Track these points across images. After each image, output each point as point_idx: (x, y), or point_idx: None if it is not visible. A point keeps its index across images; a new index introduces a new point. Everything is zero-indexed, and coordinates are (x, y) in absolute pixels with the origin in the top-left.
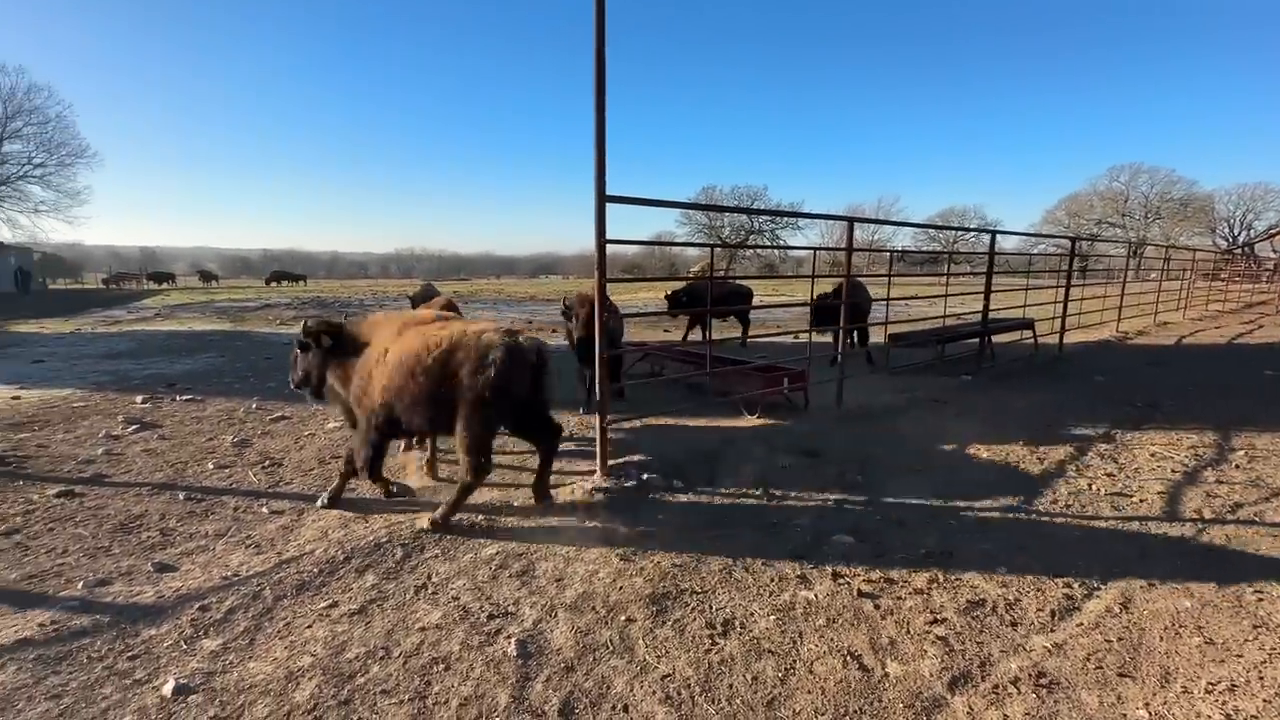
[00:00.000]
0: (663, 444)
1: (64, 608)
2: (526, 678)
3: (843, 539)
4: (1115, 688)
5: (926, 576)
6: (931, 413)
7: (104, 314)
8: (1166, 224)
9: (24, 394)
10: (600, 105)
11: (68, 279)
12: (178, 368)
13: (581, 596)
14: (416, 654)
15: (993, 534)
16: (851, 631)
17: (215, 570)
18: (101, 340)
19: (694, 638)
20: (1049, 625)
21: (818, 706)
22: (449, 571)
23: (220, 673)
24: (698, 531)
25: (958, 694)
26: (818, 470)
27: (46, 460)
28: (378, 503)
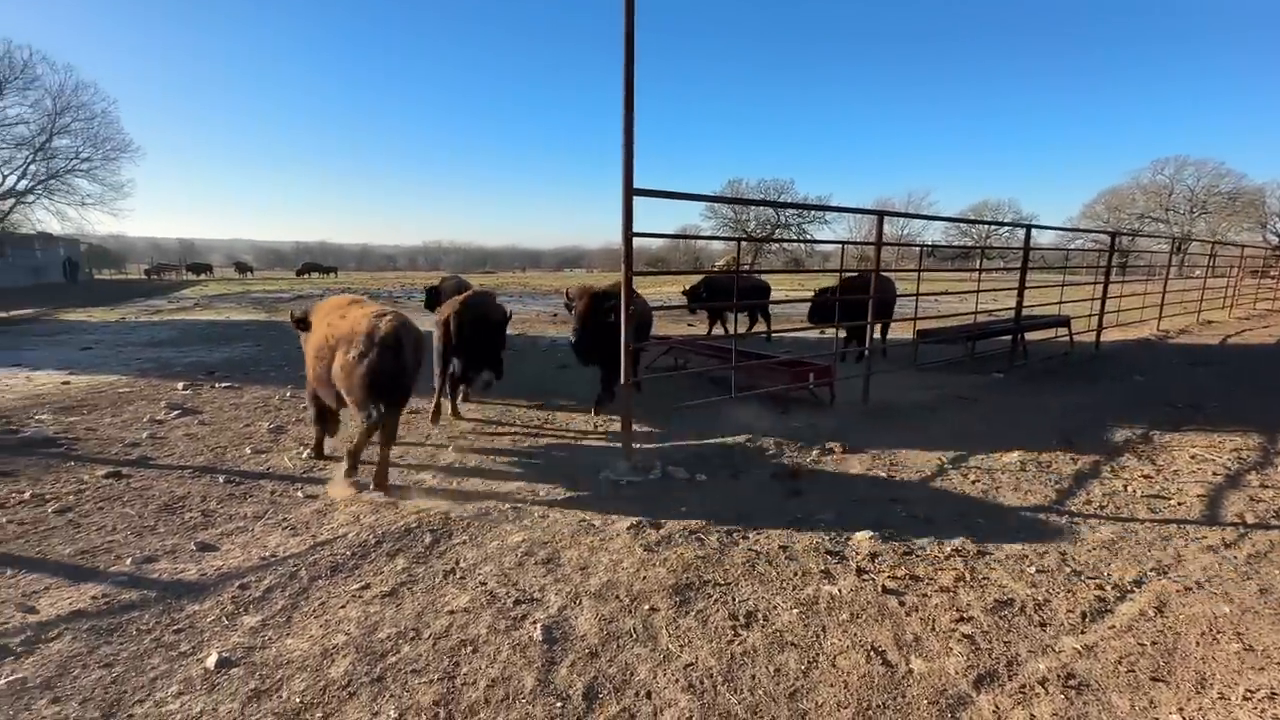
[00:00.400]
0: (687, 437)
1: (114, 582)
2: (552, 662)
3: (868, 535)
4: (1148, 691)
5: (953, 574)
6: (961, 410)
7: (146, 303)
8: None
9: (73, 379)
10: (629, 100)
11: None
12: (216, 356)
13: (606, 585)
14: (445, 636)
15: (1023, 533)
16: (875, 627)
17: (254, 551)
18: (144, 329)
19: (717, 628)
20: (1079, 627)
21: (840, 700)
22: (476, 558)
23: (260, 648)
24: (720, 524)
25: (983, 692)
26: (844, 464)
27: (95, 442)
28: (409, 490)
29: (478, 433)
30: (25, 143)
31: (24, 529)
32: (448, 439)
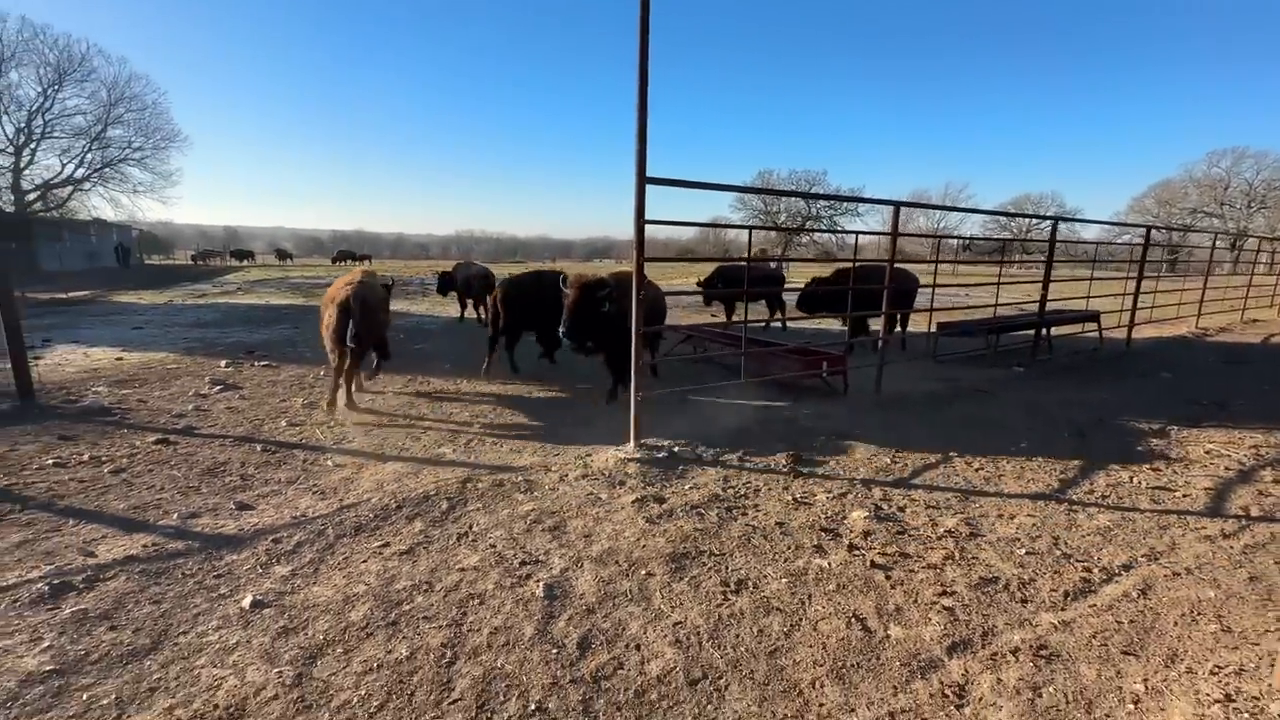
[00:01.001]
0: (696, 421)
1: (162, 534)
2: (551, 616)
3: (863, 514)
4: (1117, 664)
5: (943, 553)
6: (975, 402)
7: (192, 287)
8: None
9: (126, 355)
10: (643, 91)
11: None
12: (256, 337)
13: (606, 552)
14: (455, 590)
15: (1019, 519)
16: (860, 597)
17: (286, 511)
18: (190, 310)
19: (708, 593)
20: (1060, 604)
21: (817, 659)
22: (488, 523)
23: (289, 593)
24: (722, 501)
25: (955, 658)
26: (848, 447)
27: (146, 413)
28: (428, 461)
29: (498, 411)
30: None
31: (84, 486)
32: (471, 417)
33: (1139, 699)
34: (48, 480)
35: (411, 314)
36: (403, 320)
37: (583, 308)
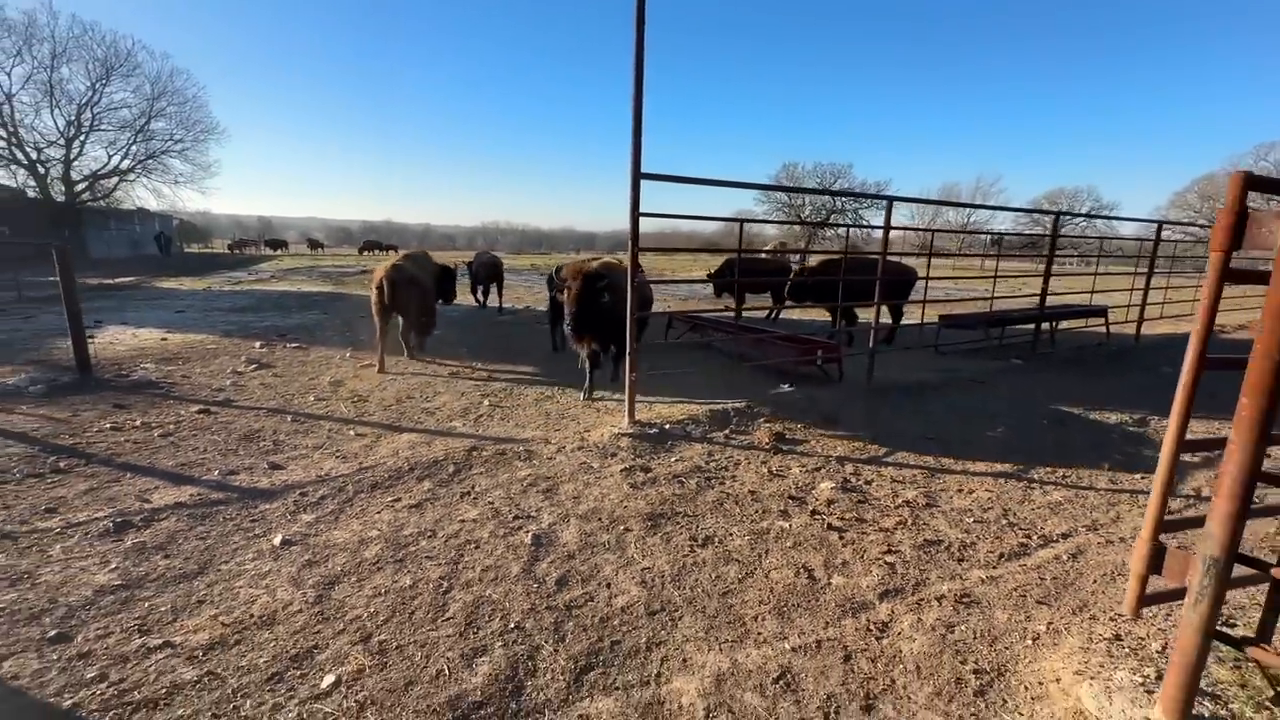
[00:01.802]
0: (690, 404)
1: (205, 486)
2: (535, 559)
3: (830, 485)
4: (1028, 610)
5: (896, 519)
6: (966, 392)
7: (229, 275)
8: None
9: (170, 336)
10: (638, 97)
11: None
12: (288, 321)
13: (591, 510)
14: (455, 536)
15: (979, 494)
16: (812, 553)
17: (312, 470)
18: (228, 297)
19: (675, 546)
20: (993, 564)
21: (763, 599)
22: (489, 484)
23: (313, 535)
24: (703, 472)
25: (885, 602)
26: (831, 431)
27: (189, 387)
28: (440, 433)
29: (507, 390)
30: (128, 125)
31: (137, 446)
32: (482, 396)
33: (1038, 636)
34: (106, 441)
35: None
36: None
37: (586, 298)
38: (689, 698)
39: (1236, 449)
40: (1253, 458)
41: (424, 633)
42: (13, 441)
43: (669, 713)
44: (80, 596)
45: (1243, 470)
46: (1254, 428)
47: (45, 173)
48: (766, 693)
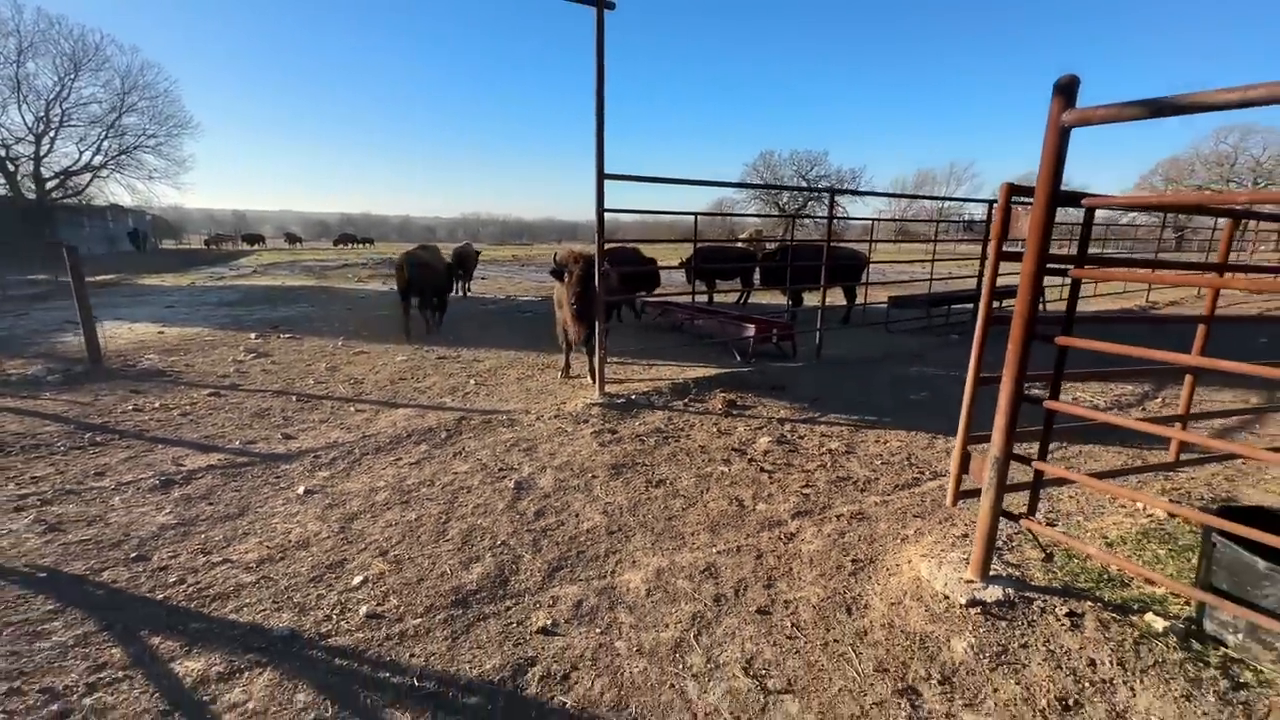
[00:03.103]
0: (657, 379)
1: (229, 452)
2: (517, 498)
3: (768, 439)
4: (905, 522)
5: (818, 464)
6: (901, 364)
7: (210, 270)
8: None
9: (166, 330)
10: (600, 110)
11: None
12: (278, 314)
13: (565, 463)
14: (450, 484)
15: (892, 443)
16: (744, 488)
17: (321, 439)
18: (214, 292)
19: (634, 487)
20: (888, 492)
21: (700, 521)
22: (477, 446)
23: (330, 486)
24: (662, 433)
25: (795, 520)
26: (778, 398)
27: (195, 374)
28: (432, 408)
29: (491, 371)
30: (98, 120)
31: (161, 423)
32: (469, 377)
33: (907, 538)
34: (132, 420)
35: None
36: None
37: (586, 282)
38: (635, 583)
39: (1007, 381)
40: (1016, 386)
41: (429, 549)
42: (49, 421)
43: (619, 593)
44: (147, 531)
45: (1010, 396)
46: (1015, 365)
47: (15, 170)
48: (694, 579)
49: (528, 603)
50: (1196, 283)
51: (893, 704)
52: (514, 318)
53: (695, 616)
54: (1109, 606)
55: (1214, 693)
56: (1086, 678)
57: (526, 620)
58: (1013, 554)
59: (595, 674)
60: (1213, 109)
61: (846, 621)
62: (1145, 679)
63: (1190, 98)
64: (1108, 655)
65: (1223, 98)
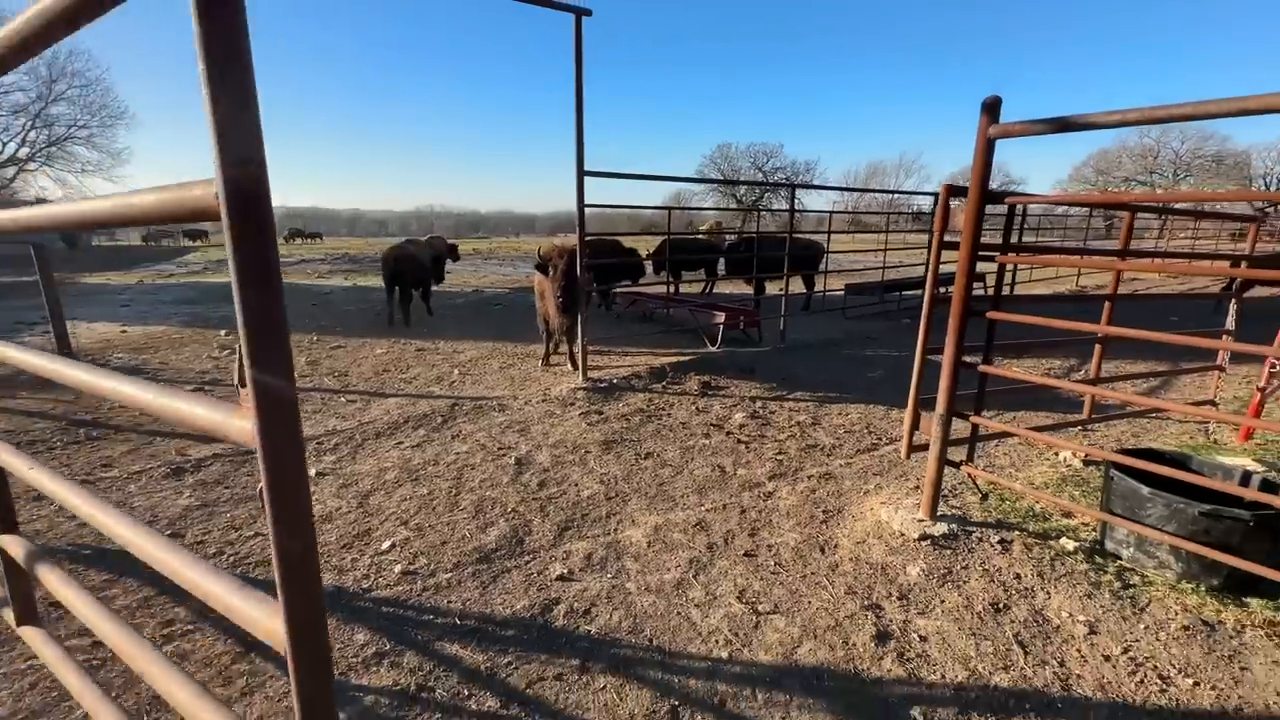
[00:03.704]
0: (634, 365)
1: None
2: (520, 472)
3: (743, 415)
4: (867, 479)
5: (789, 433)
6: (859, 346)
7: (156, 268)
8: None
9: (129, 329)
10: (579, 106)
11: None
12: None
13: (558, 441)
14: (454, 463)
15: (853, 415)
16: (724, 457)
17: (320, 427)
18: (167, 290)
19: (625, 460)
20: (850, 455)
21: (688, 485)
22: (473, 429)
23: (339, 469)
24: (645, 412)
25: (772, 481)
26: (749, 379)
27: (172, 371)
28: (421, 396)
29: (473, 359)
30: (22, 110)
31: (154, 417)
32: (452, 367)
33: (869, 491)
34: (122, 415)
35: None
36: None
37: (571, 275)
38: (636, 538)
39: (948, 350)
40: (956, 354)
41: (447, 517)
42: (37, 418)
43: (624, 546)
44: (173, 513)
45: (951, 362)
46: (955, 336)
47: None
48: (687, 532)
49: (544, 557)
50: (1098, 265)
51: (860, 616)
52: (486, 310)
53: (692, 561)
54: (1032, 535)
55: (1109, 592)
56: (1013, 587)
57: (545, 570)
58: (956, 499)
59: (612, 608)
60: (1100, 127)
61: (820, 558)
62: (1058, 585)
63: (1083, 118)
64: (1030, 570)
65: (1105, 119)
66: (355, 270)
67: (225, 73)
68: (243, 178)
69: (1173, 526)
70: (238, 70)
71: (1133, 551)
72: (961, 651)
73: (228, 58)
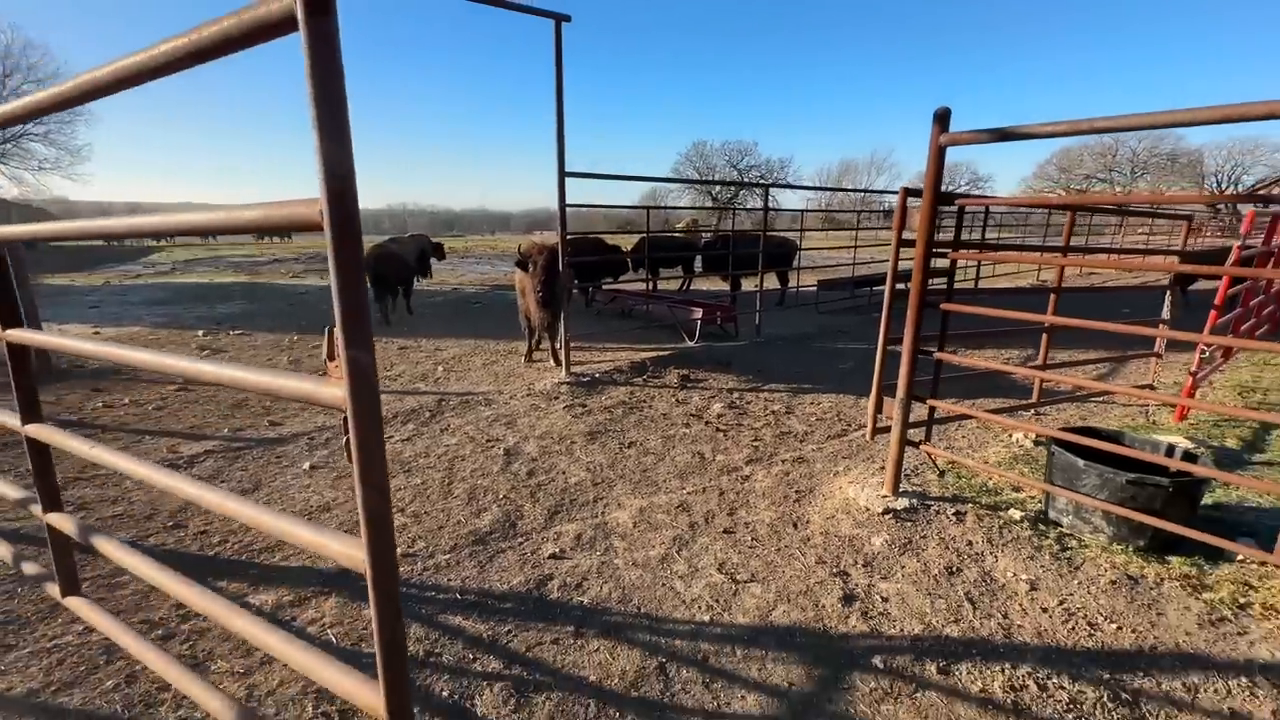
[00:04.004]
0: (616, 360)
1: (221, 440)
2: (509, 463)
3: (720, 405)
4: (837, 462)
5: (764, 422)
6: (831, 339)
7: (121, 268)
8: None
9: (102, 330)
10: (559, 108)
11: None
12: (219, 311)
13: (545, 433)
14: (444, 454)
15: (824, 404)
16: (704, 444)
17: (309, 424)
18: (136, 290)
19: (609, 449)
20: (822, 441)
21: (670, 471)
22: (460, 423)
23: (333, 462)
24: (627, 405)
25: (749, 466)
26: (726, 372)
27: (153, 373)
28: (407, 392)
29: (456, 356)
30: None
31: (139, 417)
32: (435, 364)
33: (838, 473)
34: (107, 415)
35: None
36: None
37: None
38: (623, 519)
39: (907, 339)
40: (914, 343)
41: (442, 505)
42: None
43: (611, 527)
44: (173, 505)
45: (910, 351)
46: (913, 326)
47: None
48: (670, 513)
49: (536, 539)
50: (1036, 261)
51: (830, 582)
52: (466, 308)
53: (675, 538)
54: (984, 507)
55: (1049, 554)
56: (965, 553)
57: (538, 550)
58: (918, 478)
59: (602, 581)
60: (1035, 138)
61: (794, 533)
62: (1004, 550)
63: (1021, 128)
64: (980, 537)
65: (1040, 130)
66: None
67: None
68: (342, 200)
69: (1105, 495)
70: (339, 116)
71: (1071, 519)
72: (918, 609)
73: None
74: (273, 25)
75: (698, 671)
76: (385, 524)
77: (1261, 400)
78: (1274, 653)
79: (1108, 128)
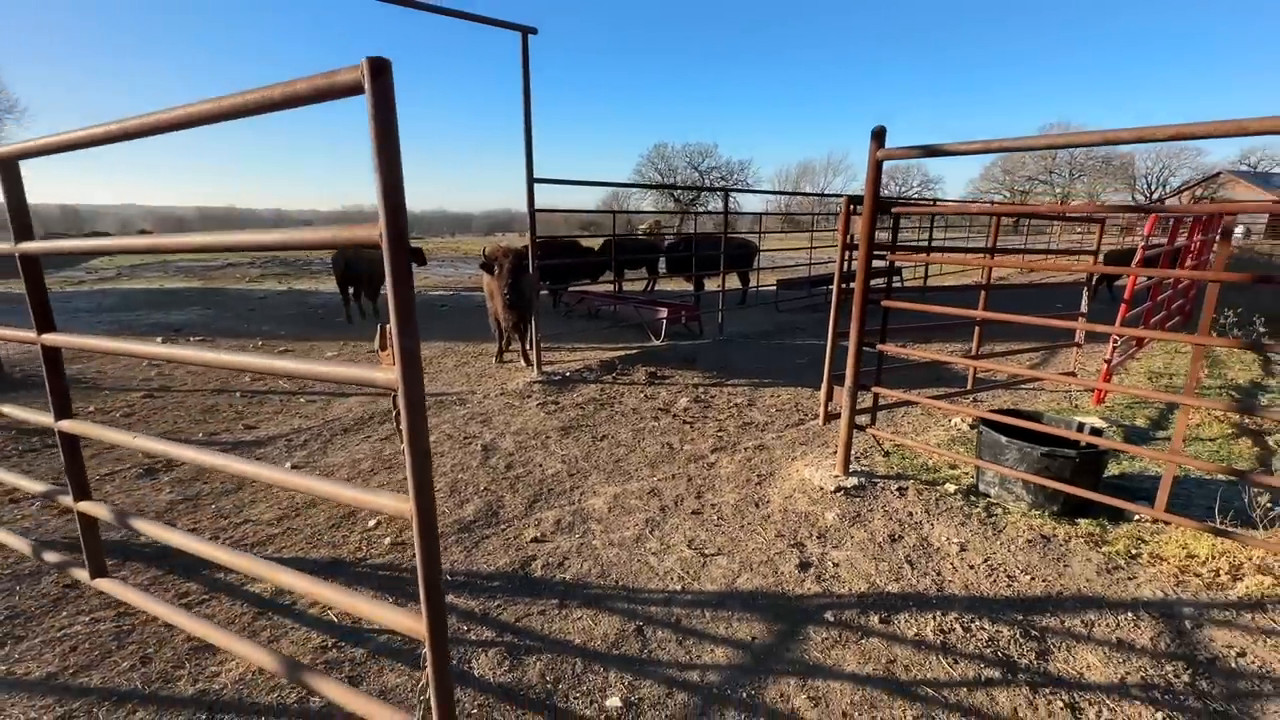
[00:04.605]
0: (585, 359)
1: (197, 443)
2: (487, 457)
3: (687, 399)
4: (794, 448)
5: (728, 414)
6: (789, 336)
7: (60, 274)
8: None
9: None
10: (527, 117)
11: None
12: (174, 318)
13: (520, 429)
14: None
15: (783, 396)
16: (673, 435)
17: (284, 427)
18: (82, 297)
19: (582, 442)
20: (780, 430)
21: (641, 461)
22: (438, 421)
23: (313, 463)
24: (598, 401)
25: (714, 454)
26: (691, 369)
27: (112, 380)
28: (382, 395)
29: (428, 359)
30: None
31: (107, 424)
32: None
33: (796, 457)
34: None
35: (320, 291)
36: (317, 297)
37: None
38: (598, 505)
39: (854, 333)
40: (859, 337)
41: None
42: None
43: (587, 512)
44: (158, 507)
45: (856, 343)
46: (858, 321)
47: None
48: (642, 498)
49: (518, 525)
50: (961, 262)
51: (787, 553)
52: (433, 311)
53: (648, 520)
54: (924, 483)
55: (978, 520)
56: (906, 522)
57: (521, 535)
58: (867, 460)
59: (582, 560)
60: (957, 155)
61: (755, 511)
62: (940, 519)
63: (944, 147)
64: (920, 509)
65: (960, 149)
66: (288, 274)
67: (387, 163)
68: (397, 222)
69: (1024, 467)
70: (394, 151)
71: (997, 490)
72: (864, 571)
73: (389, 151)
74: (344, 88)
75: (672, 632)
76: (428, 482)
77: (1169, 384)
78: (1155, 592)
79: (1014, 147)
